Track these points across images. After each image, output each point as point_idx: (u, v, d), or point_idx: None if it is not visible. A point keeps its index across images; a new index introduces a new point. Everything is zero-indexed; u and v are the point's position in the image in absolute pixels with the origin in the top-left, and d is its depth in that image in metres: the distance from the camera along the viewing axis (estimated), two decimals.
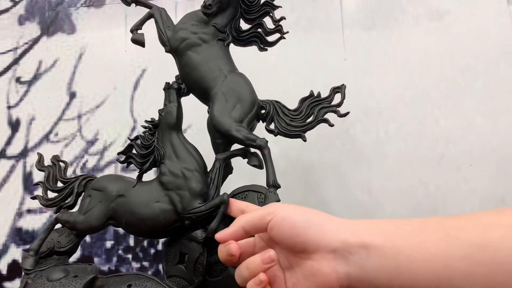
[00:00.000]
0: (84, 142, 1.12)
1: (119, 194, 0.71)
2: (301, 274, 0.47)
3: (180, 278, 0.69)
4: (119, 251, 1.07)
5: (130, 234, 1.07)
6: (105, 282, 0.70)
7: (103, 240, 1.08)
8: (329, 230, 0.46)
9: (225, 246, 0.50)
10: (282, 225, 0.46)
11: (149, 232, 0.69)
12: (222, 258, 0.50)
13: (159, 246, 1.06)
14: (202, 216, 0.66)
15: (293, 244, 0.46)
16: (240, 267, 0.49)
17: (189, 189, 0.67)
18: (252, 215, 0.51)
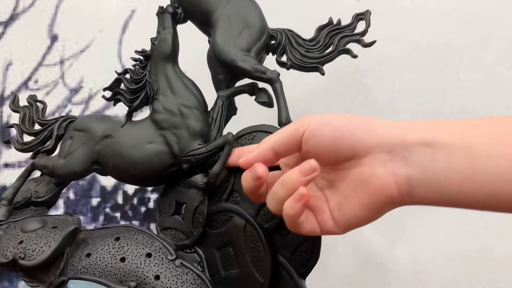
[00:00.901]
0: (67, 90, 1.02)
1: (105, 135, 0.62)
2: (347, 188, 0.41)
3: (176, 231, 0.60)
4: (106, 209, 0.97)
5: (118, 191, 0.98)
6: (89, 235, 0.61)
7: (88, 197, 0.98)
8: (381, 129, 0.40)
9: (250, 170, 0.44)
10: (321, 132, 0.41)
11: (140, 178, 0.60)
12: (247, 185, 0.45)
13: (150, 204, 0.97)
14: (203, 159, 0.57)
15: (338, 151, 0.41)
16: (273, 189, 0.43)
17: (188, 128, 0.58)
18: (281, 131, 0.45)
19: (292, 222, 0.42)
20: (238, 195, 0.57)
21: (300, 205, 0.40)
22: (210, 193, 0.58)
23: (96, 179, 0.99)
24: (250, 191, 0.46)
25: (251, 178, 0.44)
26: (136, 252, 0.57)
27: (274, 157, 0.45)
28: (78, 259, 0.58)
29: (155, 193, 0.97)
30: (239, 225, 0.55)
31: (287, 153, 0.45)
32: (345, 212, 0.42)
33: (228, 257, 0.56)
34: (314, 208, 0.44)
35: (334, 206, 0.43)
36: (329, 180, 0.44)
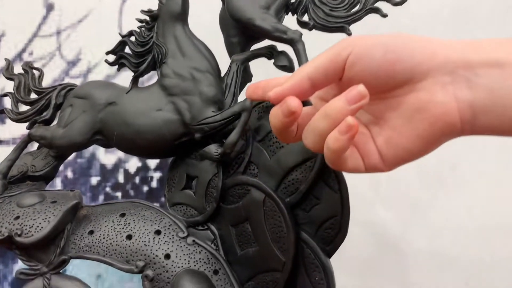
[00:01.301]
0: (65, 63, 0.96)
1: (109, 102, 0.56)
2: (399, 119, 0.36)
3: (187, 206, 0.55)
4: (106, 188, 0.92)
5: (119, 169, 0.92)
6: (91, 211, 0.56)
7: (87, 176, 0.93)
8: (440, 48, 0.34)
9: (281, 105, 0.37)
10: (371, 54, 0.35)
11: (148, 148, 0.55)
12: (277, 122, 0.38)
13: (153, 183, 0.92)
14: (218, 128, 0.52)
15: (390, 76, 0.35)
16: (312, 122, 0.37)
17: (200, 94, 0.52)
18: (318, 58, 0.38)
19: (336, 157, 0.36)
20: (256, 167, 0.52)
21: (347, 138, 0.34)
22: (225, 165, 0.53)
23: (96, 156, 0.93)
24: (279, 129, 0.39)
25: (281, 113, 0.37)
26: (144, 229, 0.52)
27: (310, 89, 0.38)
28: (80, 236, 0.53)
29: (158, 172, 0.92)
30: (258, 199, 0.50)
31: (327, 83, 0.38)
32: (394, 146, 0.37)
33: (245, 234, 0.51)
34: (358, 145, 0.39)
35: (382, 141, 0.38)
36: (376, 113, 0.38)
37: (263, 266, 0.50)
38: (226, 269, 0.51)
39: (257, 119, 0.53)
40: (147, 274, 0.50)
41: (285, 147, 0.50)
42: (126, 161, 0.92)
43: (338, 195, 0.48)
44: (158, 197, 0.92)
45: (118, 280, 0.88)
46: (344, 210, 0.47)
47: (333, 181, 0.48)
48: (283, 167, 0.50)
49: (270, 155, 0.51)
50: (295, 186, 0.49)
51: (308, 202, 0.49)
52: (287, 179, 0.50)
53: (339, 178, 0.48)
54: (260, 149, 0.52)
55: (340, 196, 0.48)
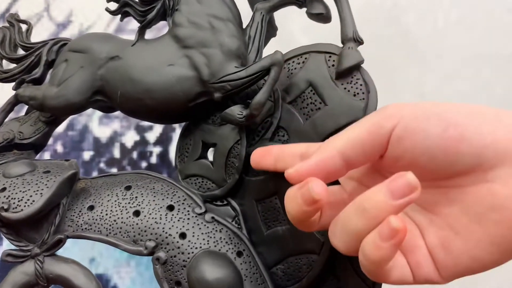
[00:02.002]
0: (54, 25, 0.86)
1: (111, 56, 0.48)
2: (464, 217, 0.28)
3: (203, 178, 0.47)
4: (100, 164, 0.84)
5: (115, 143, 0.84)
6: (90, 184, 0.48)
7: (79, 150, 0.84)
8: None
9: (301, 187, 0.29)
10: (425, 128, 0.28)
11: (157, 110, 0.47)
12: (294, 209, 0.30)
13: (152, 158, 0.84)
14: (241, 86, 0.44)
15: (452, 158, 0.27)
16: (343, 216, 0.29)
17: (221, 45, 0.44)
18: (354, 128, 0.31)
19: (376, 268, 0.28)
20: (286, 133, 0.45)
21: (391, 245, 0.26)
22: (249, 131, 0.46)
23: (89, 129, 0.85)
24: (297, 217, 0.31)
25: (301, 200, 0.29)
26: (154, 204, 0.44)
27: (342, 168, 0.31)
28: (78, 212, 0.45)
29: (158, 146, 0.84)
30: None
31: (364, 161, 0.31)
32: (456, 252, 0.28)
33: (273, 210, 0.44)
34: (403, 248, 0.30)
35: (437, 244, 0.29)
36: (428, 204, 0.31)
37: (295, 248, 0.43)
38: (251, 251, 0.44)
39: (287, 77, 0.45)
40: (159, 256, 0.42)
41: (322, 109, 0.43)
42: (122, 134, 0.84)
43: None
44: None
45: (114, 265, 0.81)
46: None
47: None
48: (320, 133, 0.42)
49: (304, 119, 0.43)
50: None
51: None
52: None
53: None
54: (291, 111, 0.44)
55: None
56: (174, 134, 0.84)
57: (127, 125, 0.84)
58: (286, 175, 0.32)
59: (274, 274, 0.44)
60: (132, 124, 0.84)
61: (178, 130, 0.83)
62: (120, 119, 0.84)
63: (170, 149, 0.84)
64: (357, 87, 0.42)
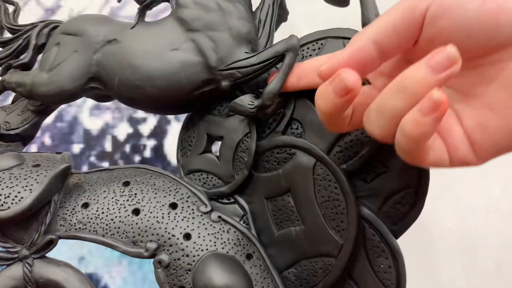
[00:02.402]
0: (42, 10, 0.82)
1: (108, 40, 0.44)
2: (500, 93, 0.27)
3: (209, 174, 0.44)
4: (91, 157, 0.79)
5: (106, 135, 0.80)
6: (84, 179, 0.44)
7: (68, 143, 0.80)
8: None
9: (332, 81, 0.29)
10: (462, 3, 0.27)
11: (159, 99, 0.43)
12: (326, 105, 0.30)
13: (146, 152, 0.80)
14: (253, 73, 0.40)
15: (492, 32, 0.26)
16: (380, 100, 0.28)
17: (230, 29, 0.41)
18: (385, 15, 0.29)
19: (415, 147, 0.27)
20: (300, 125, 0.41)
21: (433, 120, 0.25)
22: (259, 123, 0.42)
23: (79, 120, 0.80)
24: (329, 113, 0.31)
25: (333, 92, 0.29)
26: (156, 201, 0.41)
27: (376, 58, 0.30)
28: (71, 210, 0.41)
29: (152, 139, 0.80)
30: (306, 165, 0.39)
31: (399, 48, 0.30)
32: (493, 131, 0.28)
33: (285, 209, 0.40)
34: (440, 130, 0.30)
35: (474, 125, 0.29)
36: (463, 87, 0.30)
37: (310, 250, 0.39)
38: (261, 253, 0.40)
39: None
40: (161, 259, 0.39)
41: None
42: (114, 126, 0.80)
43: None
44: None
45: (104, 263, 0.77)
46: (422, 180, 0.37)
47: None
48: None
49: None
50: (353, 149, 0.38)
51: (371, 169, 0.39)
52: (343, 140, 0.39)
53: None
54: (306, 102, 0.41)
55: None
56: (169, 127, 0.80)
57: (119, 117, 0.80)
58: (319, 74, 0.31)
59: (285, 279, 0.40)
60: (125, 116, 0.80)
61: (173, 123, 0.80)
62: (112, 110, 0.80)
63: (165, 142, 0.80)
64: None
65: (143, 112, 0.80)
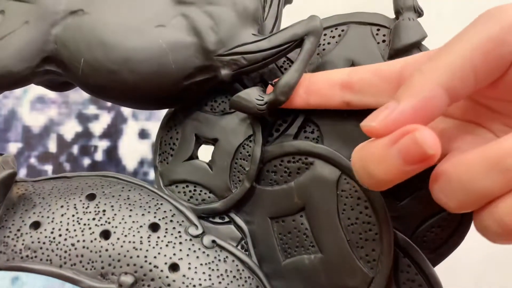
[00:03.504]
0: None
1: (72, 10, 0.34)
2: None
3: (197, 186, 0.35)
4: (30, 158, 0.68)
5: (50, 134, 0.68)
6: (32, 189, 0.33)
7: (4, 141, 0.67)
8: None
9: (397, 139, 0.22)
10: None
11: (137, 89, 0.33)
12: (383, 172, 0.23)
13: (97, 154, 0.69)
14: (262, 61, 0.32)
15: None
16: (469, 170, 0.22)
17: (234, 3, 0.32)
18: (457, 46, 0.23)
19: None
20: (317, 128, 0.33)
21: None
22: (264, 124, 0.34)
23: (17, 115, 0.68)
24: (391, 181, 0.24)
25: (400, 157, 0.22)
26: (131, 221, 0.31)
27: (446, 104, 0.23)
28: (15, 232, 0.31)
29: (105, 140, 0.69)
30: (328, 178, 0.31)
31: (471, 92, 0.24)
32: None
33: (296, 232, 0.33)
34: None
35: None
36: None
37: (329, 284, 0.31)
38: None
39: (318, 54, 0.35)
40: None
41: None
42: (60, 124, 0.68)
43: None
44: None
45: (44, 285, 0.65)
46: None
47: None
48: None
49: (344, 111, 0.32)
50: None
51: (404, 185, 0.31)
52: None
53: None
54: None
55: None
56: (125, 126, 0.70)
57: (66, 112, 0.68)
58: (366, 129, 0.24)
59: None
60: (73, 112, 0.69)
61: (130, 122, 0.69)
62: (58, 104, 0.68)
63: (120, 143, 0.69)
64: None
65: (95, 108, 0.69)
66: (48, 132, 0.68)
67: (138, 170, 0.69)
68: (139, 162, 0.69)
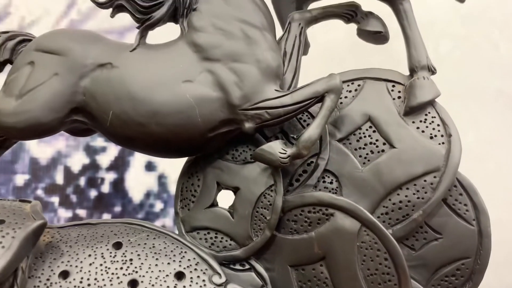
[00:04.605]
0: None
1: (100, 63, 0.35)
2: None
3: (218, 233, 0.36)
4: (37, 190, 0.68)
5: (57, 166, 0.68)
6: (59, 236, 0.34)
7: (10, 173, 0.68)
8: None
9: None
10: None
11: (165, 141, 0.35)
12: None
13: (104, 187, 0.69)
14: (284, 116, 0.33)
15: None
16: None
17: (258, 61, 0.34)
18: None
19: None
20: (336, 179, 0.35)
21: None
22: (285, 174, 0.35)
23: (24, 147, 0.68)
24: None
25: None
26: (158, 270, 0.32)
27: None
28: (45, 282, 0.31)
29: (112, 172, 0.70)
30: (348, 230, 0.33)
31: None
32: None
33: (316, 281, 0.34)
34: None
35: None
36: None
37: None
38: None
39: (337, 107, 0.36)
40: None
41: (388, 152, 0.34)
42: (68, 156, 0.69)
43: (474, 228, 0.32)
44: (110, 205, 0.69)
45: None
46: (483, 251, 0.32)
47: (466, 207, 0.33)
48: (387, 182, 0.33)
49: (361, 163, 0.34)
50: (403, 211, 0.33)
51: (420, 236, 0.33)
52: (390, 200, 0.33)
53: (476, 204, 0.33)
54: (344, 152, 0.35)
55: (478, 230, 0.32)
56: (132, 158, 0.70)
57: (74, 145, 0.69)
58: None
59: None
60: (81, 144, 0.69)
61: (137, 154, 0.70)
62: (66, 136, 0.68)
63: (127, 176, 0.70)
64: (433, 127, 0.34)
65: (102, 140, 0.70)
66: (55, 164, 0.69)
67: (144, 202, 0.70)
68: (145, 194, 0.70)
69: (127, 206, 0.70)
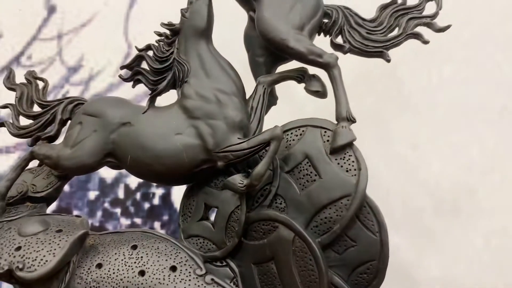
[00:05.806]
0: (65, 69, 0.90)
1: (123, 122, 0.51)
2: None
3: (204, 239, 0.51)
4: (105, 203, 0.87)
5: (119, 184, 0.87)
6: (99, 240, 0.51)
7: (85, 190, 0.88)
8: None
9: None
10: None
11: (165, 174, 0.50)
12: None
13: (155, 200, 0.87)
14: (243, 156, 0.47)
15: None
16: None
17: (225, 118, 0.48)
18: None
19: None
20: (283, 201, 0.48)
21: None
22: (248, 197, 0.49)
23: None
24: None
25: None
26: (158, 264, 0.48)
27: None
28: (87, 270, 0.48)
29: (161, 188, 0.87)
30: (287, 238, 0.46)
31: None
32: None
33: (269, 274, 0.47)
34: None
35: None
36: None
37: None
38: None
39: (285, 147, 0.49)
40: None
41: (317, 181, 0.46)
42: (127, 176, 0.87)
43: (377, 238, 0.44)
44: (160, 215, 0.87)
45: None
46: (383, 255, 0.44)
47: (371, 223, 0.44)
48: (315, 204, 0.46)
49: (300, 189, 0.47)
50: (327, 225, 0.45)
51: (342, 243, 0.45)
52: (318, 217, 0.46)
53: (378, 220, 0.44)
54: (289, 181, 0.48)
55: (379, 240, 0.44)
56: None
57: None
58: None
59: None
60: None
61: None
62: None
63: (172, 191, 0.87)
64: (349, 163, 0.45)
65: None
66: (118, 183, 0.87)
67: None
68: None
69: (173, 215, 0.87)
